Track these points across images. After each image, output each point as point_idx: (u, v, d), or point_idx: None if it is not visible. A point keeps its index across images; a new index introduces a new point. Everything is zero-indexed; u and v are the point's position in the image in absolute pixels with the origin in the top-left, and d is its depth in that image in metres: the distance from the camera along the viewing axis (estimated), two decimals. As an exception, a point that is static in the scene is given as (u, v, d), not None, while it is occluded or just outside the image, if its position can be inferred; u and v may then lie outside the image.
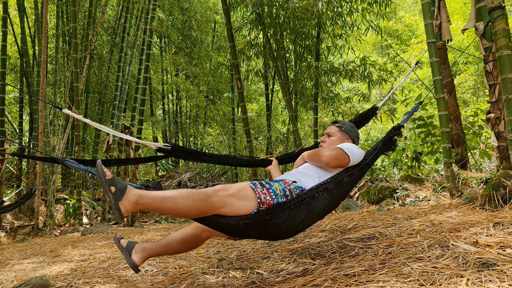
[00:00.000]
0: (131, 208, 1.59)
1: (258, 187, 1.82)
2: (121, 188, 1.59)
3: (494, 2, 3.25)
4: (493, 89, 3.84)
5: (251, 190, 1.78)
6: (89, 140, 11.43)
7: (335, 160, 2.06)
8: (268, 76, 8.74)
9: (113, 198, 1.56)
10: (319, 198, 1.90)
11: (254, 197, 1.77)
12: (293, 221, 1.81)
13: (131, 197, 1.59)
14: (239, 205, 1.72)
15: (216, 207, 1.68)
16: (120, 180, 1.62)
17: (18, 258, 3.83)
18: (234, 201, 1.71)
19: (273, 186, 1.86)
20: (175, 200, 1.64)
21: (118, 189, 1.58)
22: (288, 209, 1.78)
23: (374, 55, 15.77)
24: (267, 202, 1.77)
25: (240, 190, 1.75)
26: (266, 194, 1.80)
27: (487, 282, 1.42)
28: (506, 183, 2.78)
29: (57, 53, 8.72)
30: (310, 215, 1.87)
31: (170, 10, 11.61)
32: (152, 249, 2.01)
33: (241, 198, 1.73)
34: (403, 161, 6.33)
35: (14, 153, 3.51)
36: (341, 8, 6.70)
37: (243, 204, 1.73)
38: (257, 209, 1.75)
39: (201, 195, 1.67)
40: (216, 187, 1.73)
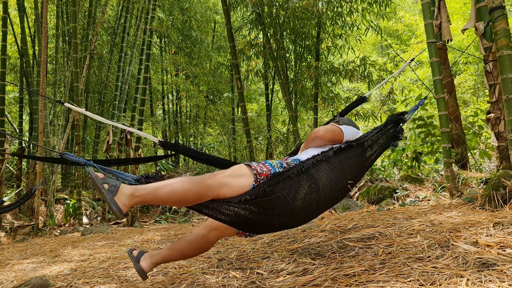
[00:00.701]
0: (128, 201, 1.58)
1: (253, 163, 1.81)
2: (114, 184, 1.59)
3: (494, 2, 3.25)
4: (493, 89, 3.83)
5: (246, 167, 1.77)
6: (89, 140, 11.44)
7: (329, 132, 2.08)
8: (268, 76, 8.74)
9: (107, 194, 1.55)
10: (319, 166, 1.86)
11: (250, 172, 1.75)
12: (297, 193, 1.75)
13: (126, 191, 1.58)
14: (237, 182, 1.69)
15: (214, 188, 1.66)
16: (112, 180, 1.62)
17: (18, 258, 3.83)
18: (231, 180, 1.69)
19: (269, 161, 1.86)
20: (171, 186, 1.63)
21: (111, 185, 1.58)
22: (288, 178, 1.74)
23: (374, 55, 15.77)
24: (264, 173, 1.75)
25: (235, 170, 1.75)
26: (262, 166, 1.79)
27: (487, 282, 1.42)
28: (506, 183, 2.78)
29: (57, 53, 8.72)
30: (314, 187, 1.81)
31: (170, 10, 11.62)
32: (160, 254, 1.99)
33: (238, 176, 1.72)
34: (403, 161, 6.33)
35: (14, 153, 3.51)
36: (341, 8, 6.70)
37: (241, 181, 1.71)
38: (255, 181, 1.72)
39: (197, 178, 1.66)
40: (212, 173, 1.73)
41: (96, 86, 10.99)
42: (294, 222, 1.87)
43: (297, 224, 1.94)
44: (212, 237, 2.03)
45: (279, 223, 1.82)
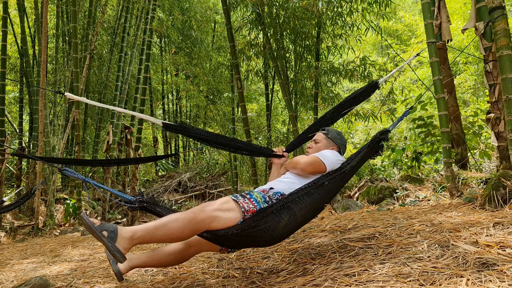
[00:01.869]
0: (128, 245, 1.67)
1: (239, 198, 1.92)
2: (112, 230, 1.66)
3: (494, 2, 3.25)
4: (493, 89, 3.83)
5: (234, 202, 1.88)
6: (89, 140, 11.43)
7: (310, 166, 2.16)
8: (268, 76, 8.74)
9: (108, 242, 1.62)
10: (300, 201, 1.97)
11: (238, 208, 1.86)
12: (278, 224, 1.89)
13: (124, 234, 1.66)
14: (226, 217, 1.80)
15: (206, 223, 1.77)
16: (108, 224, 1.69)
17: (18, 258, 3.83)
18: (221, 214, 1.80)
19: (253, 195, 1.97)
20: (167, 226, 1.73)
21: (110, 231, 1.65)
22: (271, 213, 1.87)
23: (374, 55, 15.77)
24: (251, 210, 1.87)
25: (224, 203, 1.85)
26: (248, 203, 1.90)
27: (487, 282, 1.42)
28: (506, 183, 2.78)
29: (57, 53, 8.71)
30: (293, 218, 1.94)
31: (170, 10, 11.61)
32: (139, 259, 2.08)
33: (227, 210, 1.82)
34: (403, 161, 6.33)
35: (14, 153, 3.51)
36: (341, 8, 6.69)
37: (230, 215, 1.82)
38: (243, 218, 1.84)
39: (189, 215, 1.76)
40: (201, 205, 1.82)
41: (96, 86, 10.99)
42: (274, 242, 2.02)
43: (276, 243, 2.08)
44: (191, 252, 2.16)
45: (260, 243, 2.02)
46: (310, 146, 2.44)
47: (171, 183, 10.20)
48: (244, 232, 1.84)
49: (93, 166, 9.69)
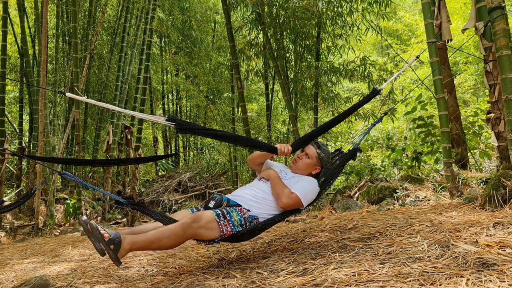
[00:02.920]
0: (126, 253, 2.08)
1: (221, 219, 2.28)
2: (118, 243, 2.02)
3: (494, 2, 3.25)
4: (493, 89, 3.84)
5: (216, 223, 2.26)
6: (89, 140, 11.43)
7: (290, 208, 2.45)
8: (268, 76, 8.74)
9: (113, 253, 2.01)
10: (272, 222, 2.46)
11: (218, 229, 2.26)
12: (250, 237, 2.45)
13: (126, 247, 2.05)
14: (208, 233, 2.24)
15: (191, 236, 2.23)
16: (115, 235, 2.04)
17: (18, 258, 3.83)
18: (204, 231, 2.23)
19: (232, 217, 2.33)
20: (160, 242, 2.14)
21: (116, 245, 2.02)
22: (246, 234, 2.34)
23: (374, 55, 15.77)
24: (227, 233, 2.28)
25: (208, 222, 2.24)
26: (226, 226, 2.29)
27: (487, 282, 1.42)
28: (506, 183, 2.78)
29: (57, 53, 8.71)
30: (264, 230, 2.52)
31: (170, 10, 11.61)
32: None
33: (209, 229, 2.24)
34: (403, 161, 6.32)
35: (14, 153, 3.51)
36: (341, 8, 6.68)
37: (211, 233, 2.25)
38: (220, 238, 2.29)
39: (179, 231, 2.15)
40: (190, 219, 2.20)
41: (96, 86, 10.98)
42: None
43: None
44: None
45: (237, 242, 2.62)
46: (300, 157, 2.65)
47: (171, 183, 10.20)
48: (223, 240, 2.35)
49: (93, 166, 9.70)
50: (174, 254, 2.97)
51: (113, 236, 2.02)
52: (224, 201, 2.43)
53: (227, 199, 2.46)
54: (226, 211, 2.33)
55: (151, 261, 2.80)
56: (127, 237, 2.07)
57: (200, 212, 2.29)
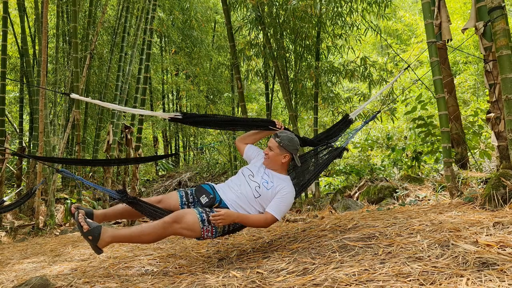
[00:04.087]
0: (106, 244, 2.26)
1: (205, 224, 2.32)
2: (96, 236, 2.20)
3: (493, 2, 3.26)
4: (493, 89, 3.84)
5: (199, 227, 2.31)
6: (89, 140, 11.43)
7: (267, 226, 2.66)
8: (268, 76, 8.73)
9: (92, 243, 2.21)
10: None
11: (199, 232, 2.32)
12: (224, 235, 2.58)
13: (106, 239, 2.23)
14: (187, 234, 2.32)
15: (171, 234, 2.33)
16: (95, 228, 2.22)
17: (18, 257, 3.83)
18: (185, 232, 2.30)
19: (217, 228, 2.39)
20: (140, 238, 2.30)
21: (94, 237, 2.20)
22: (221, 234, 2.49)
23: (374, 55, 15.76)
24: (207, 237, 2.38)
25: (190, 225, 2.28)
26: (208, 232, 2.35)
27: (487, 282, 1.43)
28: (506, 182, 2.78)
29: (57, 52, 8.71)
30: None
31: (170, 10, 11.61)
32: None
33: (190, 230, 2.29)
34: (403, 161, 6.32)
35: (14, 153, 3.51)
36: (341, 8, 6.68)
37: (191, 234, 2.32)
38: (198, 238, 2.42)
39: (160, 229, 2.26)
40: (172, 218, 2.27)
41: (96, 86, 10.98)
42: None
43: None
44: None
45: None
46: (266, 152, 2.68)
47: (171, 183, 10.21)
48: None
49: (94, 166, 9.69)
50: (175, 254, 2.97)
51: (93, 228, 2.20)
52: (216, 202, 2.47)
53: (219, 199, 2.51)
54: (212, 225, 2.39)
55: (151, 261, 2.80)
56: (109, 230, 2.26)
57: (183, 212, 2.32)
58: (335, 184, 7.41)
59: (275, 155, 2.64)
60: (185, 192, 2.60)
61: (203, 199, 2.48)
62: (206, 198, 2.47)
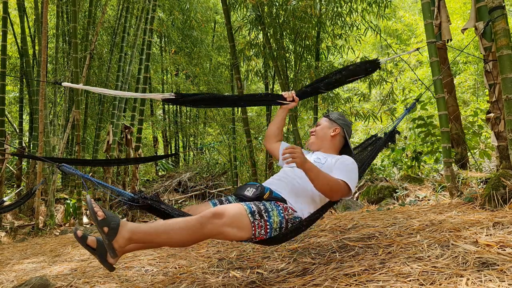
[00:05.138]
0: (124, 243, 1.62)
1: (256, 217, 1.76)
2: (114, 227, 1.60)
3: (494, 2, 3.25)
4: (493, 89, 3.84)
5: (248, 220, 1.74)
6: (89, 140, 11.43)
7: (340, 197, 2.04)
8: (268, 76, 8.73)
9: (106, 239, 1.59)
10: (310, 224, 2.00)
11: (249, 229, 1.74)
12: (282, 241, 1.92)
13: (125, 234, 1.61)
14: (233, 234, 1.70)
15: (211, 235, 1.67)
16: (112, 217, 1.63)
17: (18, 258, 3.83)
18: (229, 230, 1.68)
19: (272, 217, 1.82)
20: (169, 235, 1.63)
21: (111, 228, 1.60)
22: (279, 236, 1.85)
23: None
24: (260, 236, 1.78)
25: (236, 219, 1.70)
26: (262, 227, 1.78)
27: (487, 282, 1.43)
28: (506, 182, 2.78)
29: (57, 53, 8.71)
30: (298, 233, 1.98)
31: (170, 10, 11.61)
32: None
33: (236, 227, 1.69)
34: (403, 161, 6.32)
35: (14, 153, 3.50)
36: (341, 8, 6.69)
37: (237, 234, 1.71)
38: (248, 240, 1.79)
39: (196, 225, 1.64)
40: (210, 213, 1.66)
41: (96, 86, 10.98)
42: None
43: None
44: None
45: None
46: (313, 130, 2.37)
47: (171, 183, 10.21)
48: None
49: (93, 166, 9.69)
50: (174, 254, 2.97)
51: (110, 217, 1.62)
52: (267, 191, 1.92)
53: (269, 189, 1.95)
54: (265, 208, 1.83)
55: (151, 261, 2.80)
56: (128, 224, 1.64)
57: (224, 206, 1.74)
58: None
59: (324, 128, 2.32)
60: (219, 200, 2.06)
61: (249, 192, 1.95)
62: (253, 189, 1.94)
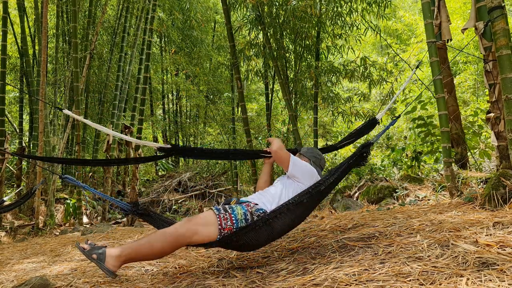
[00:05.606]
0: (116, 262, 1.97)
1: (221, 211, 2.06)
2: (101, 252, 1.97)
3: (493, 2, 3.25)
4: (493, 89, 3.84)
5: (213, 216, 2.04)
6: (89, 139, 11.43)
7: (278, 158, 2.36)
8: (268, 76, 8.74)
9: (98, 263, 1.93)
10: (280, 218, 2.11)
11: (216, 222, 2.02)
12: (258, 239, 2.09)
13: (113, 254, 1.97)
14: (205, 231, 1.99)
15: (186, 237, 1.97)
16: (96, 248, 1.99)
17: (18, 257, 3.83)
18: (200, 228, 1.99)
19: (236, 210, 2.09)
20: (150, 245, 1.97)
21: (99, 254, 1.96)
22: (251, 231, 2.04)
23: (374, 55, 15.77)
24: (227, 227, 2.02)
25: (203, 218, 2.02)
26: (227, 219, 2.04)
27: (486, 282, 1.43)
28: (506, 182, 2.78)
29: (57, 52, 8.71)
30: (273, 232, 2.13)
31: (170, 10, 11.61)
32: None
33: (205, 224, 2.00)
34: (403, 161, 6.33)
35: (14, 153, 3.50)
36: (341, 8, 6.69)
37: (209, 230, 2.00)
38: (219, 235, 2.02)
39: (171, 230, 1.98)
40: (181, 221, 2.02)
41: (96, 86, 10.98)
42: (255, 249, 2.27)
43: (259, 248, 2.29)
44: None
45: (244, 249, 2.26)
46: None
47: (171, 183, 10.21)
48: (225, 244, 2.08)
49: (93, 166, 9.70)
50: (174, 254, 2.97)
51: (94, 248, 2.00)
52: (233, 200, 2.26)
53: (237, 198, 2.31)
54: (230, 206, 2.14)
55: (151, 260, 2.80)
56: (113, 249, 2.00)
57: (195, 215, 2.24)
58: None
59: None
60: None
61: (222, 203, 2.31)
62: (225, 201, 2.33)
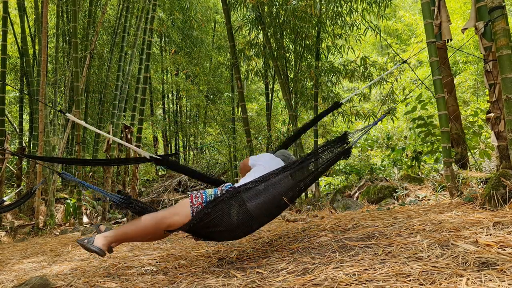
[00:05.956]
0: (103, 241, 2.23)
1: (193, 193, 2.27)
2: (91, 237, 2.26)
3: (494, 2, 3.25)
4: (493, 89, 3.84)
5: (187, 199, 2.25)
6: (89, 139, 11.44)
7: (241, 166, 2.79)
8: (268, 76, 8.74)
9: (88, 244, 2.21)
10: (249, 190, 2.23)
11: (188, 202, 2.22)
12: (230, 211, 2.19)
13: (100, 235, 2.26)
14: (183, 211, 2.19)
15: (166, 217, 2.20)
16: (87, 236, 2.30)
17: (18, 257, 3.83)
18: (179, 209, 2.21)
19: (207, 191, 2.28)
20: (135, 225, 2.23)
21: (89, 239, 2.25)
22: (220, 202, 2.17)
23: (374, 55, 15.77)
24: (198, 203, 2.21)
25: (182, 201, 2.26)
26: (198, 197, 2.23)
27: (487, 282, 1.43)
28: (506, 182, 2.78)
29: (57, 52, 8.71)
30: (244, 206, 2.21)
31: (170, 10, 11.61)
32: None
33: (183, 206, 2.22)
34: (403, 161, 6.32)
35: (14, 153, 3.50)
36: (341, 8, 6.68)
37: (186, 210, 2.19)
38: (192, 211, 2.19)
39: (155, 213, 2.24)
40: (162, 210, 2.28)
41: (96, 86, 10.99)
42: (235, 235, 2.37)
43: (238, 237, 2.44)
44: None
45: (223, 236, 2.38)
46: None
47: (171, 183, 10.21)
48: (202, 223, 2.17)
49: (94, 165, 9.70)
50: (174, 254, 2.97)
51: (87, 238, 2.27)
52: None
53: None
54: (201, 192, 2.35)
55: (151, 260, 2.80)
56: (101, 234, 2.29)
57: None
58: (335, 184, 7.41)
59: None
60: None
61: None
62: None
